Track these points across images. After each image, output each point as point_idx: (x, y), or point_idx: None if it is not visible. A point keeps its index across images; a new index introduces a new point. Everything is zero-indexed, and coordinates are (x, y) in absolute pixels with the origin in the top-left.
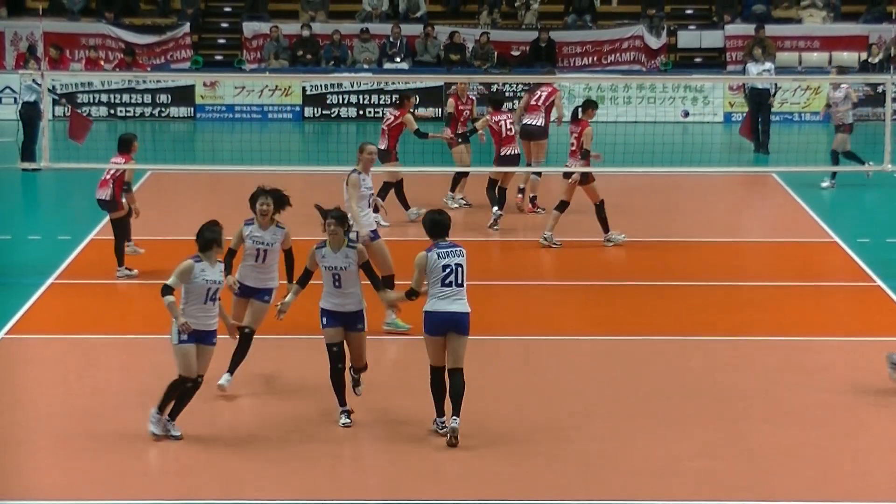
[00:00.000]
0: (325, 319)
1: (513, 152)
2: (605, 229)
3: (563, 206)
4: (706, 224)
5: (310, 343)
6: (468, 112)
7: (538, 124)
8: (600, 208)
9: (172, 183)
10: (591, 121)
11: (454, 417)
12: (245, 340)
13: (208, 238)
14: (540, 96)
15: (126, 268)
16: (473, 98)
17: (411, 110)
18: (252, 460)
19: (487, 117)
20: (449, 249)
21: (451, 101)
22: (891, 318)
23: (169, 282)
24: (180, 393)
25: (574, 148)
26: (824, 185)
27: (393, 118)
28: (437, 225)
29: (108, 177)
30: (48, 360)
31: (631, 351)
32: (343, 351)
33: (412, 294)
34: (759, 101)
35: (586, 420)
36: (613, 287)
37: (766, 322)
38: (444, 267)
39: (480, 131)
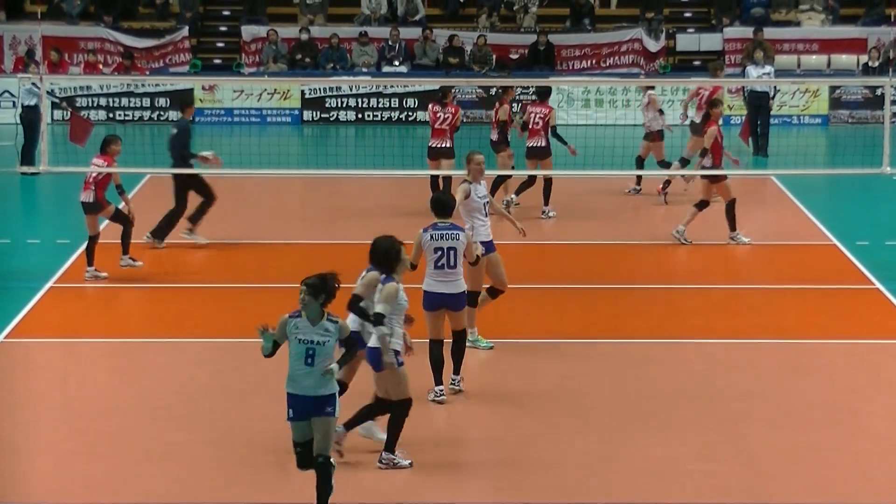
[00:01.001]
0: (290, 411)
1: (538, 144)
2: (732, 228)
3: (703, 205)
4: (705, 227)
5: None
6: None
7: (542, 146)
8: (731, 207)
9: (171, 187)
10: (591, 123)
11: (456, 377)
12: None
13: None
14: (537, 121)
15: (130, 257)
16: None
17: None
18: (251, 462)
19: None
20: (444, 232)
21: (504, 107)
22: (890, 320)
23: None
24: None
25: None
26: (627, 191)
27: (451, 115)
28: (436, 204)
29: (91, 179)
30: (47, 363)
31: (630, 354)
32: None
33: (411, 266)
34: (758, 104)
35: (586, 422)
36: (613, 290)
37: (765, 325)
38: (436, 249)
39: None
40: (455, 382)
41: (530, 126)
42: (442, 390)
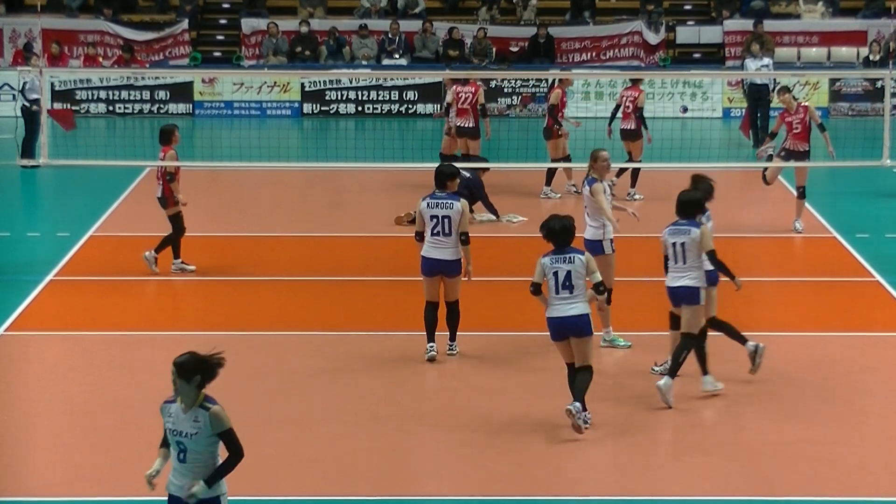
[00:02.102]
0: None
1: (629, 126)
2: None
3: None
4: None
5: (311, 339)
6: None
7: (469, 126)
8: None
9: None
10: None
11: (452, 343)
12: None
13: None
14: (466, 98)
15: (183, 262)
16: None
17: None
18: (252, 457)
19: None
20: (439, 200)
21: (557, 91)
22: (890, 313)
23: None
24: None
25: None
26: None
27: (472, 94)
28: (436, 174)
29: (159, 174)
30: (47, 357)
31: (629, 348)
32: None
33: (418, 237)
34: (757, 96)
35: None
36: (614, 283)
37: (765, 318)
38: (432, 217)
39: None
40: (452, 348)
41: (622, 109)
42: (433, 346)
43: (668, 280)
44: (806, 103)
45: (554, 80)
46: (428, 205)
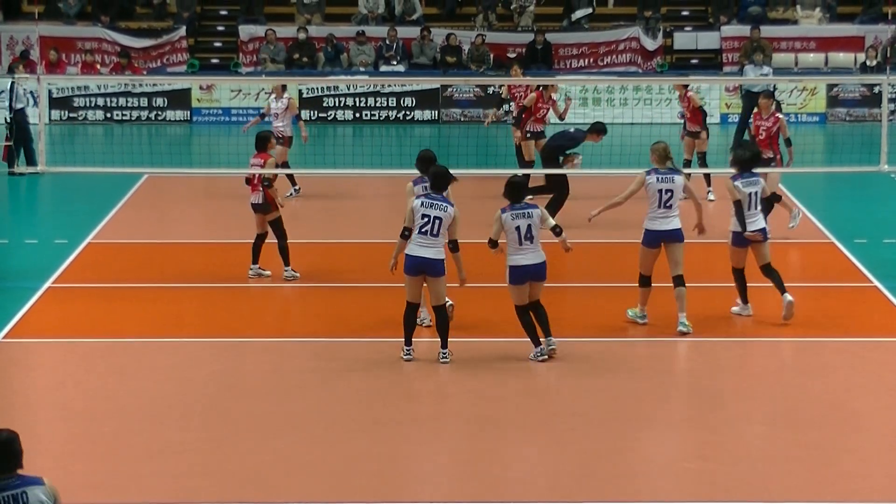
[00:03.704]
0: None
1: (693, 130)
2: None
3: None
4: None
5: (308, 345)
6: (544, 112)
7: (695, 130)
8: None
9: (169, 186)
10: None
11: (444, 350)
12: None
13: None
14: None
15: (293, 269)
16: (555, 100)
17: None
18: (251, 462)
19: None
20: (434, 201)
21: (533, 94)
22: (888, 318)
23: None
24: None
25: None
26: None
27: (522, 94)
28: (435, 176)
29: (256, 181)
30: (45, 364)
31: (628, 352)
32: None
33: (405, 231)
34: (751, 103)
35: (583, 421)
36: (610, 288)
37: (763, 323)
38: (424, 216)
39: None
40: (445, 356)
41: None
42: (409, 350)
43: (750, 226)
44: (780, 115)
45: (540, 87)
46: (422, 203)
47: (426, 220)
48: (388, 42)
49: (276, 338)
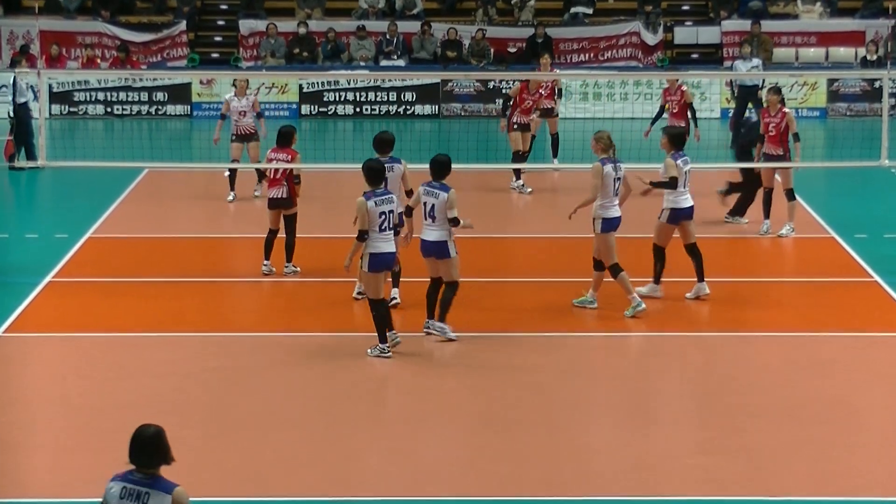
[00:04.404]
0: None
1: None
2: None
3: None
4: (703, 220)
5: (309, 340)
6: (531, 103)
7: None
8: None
9: (169, 181)
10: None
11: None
12: None
13: None
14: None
15: (293, 264)
16: (542, 94)
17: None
18: (252, 458)
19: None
20: (383, 197)
21: (517, 85)
22: (888, 313)
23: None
24: None
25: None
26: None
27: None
28: (371, 171)
29: (280, 175)
30: (45, 358)
31: (629, 347)
32: None
33: (362, 236)
34: (745, 97)
35: (583, 416)
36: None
37: (763, 318)
38: (381, 214)
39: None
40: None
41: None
42: (385, 347)
43: (682, 203)
44: (787, 110)
45: (528, 81)
46: (375, 203)
47: (383, 217)
48: (388, 37)
49: (275, 332)
